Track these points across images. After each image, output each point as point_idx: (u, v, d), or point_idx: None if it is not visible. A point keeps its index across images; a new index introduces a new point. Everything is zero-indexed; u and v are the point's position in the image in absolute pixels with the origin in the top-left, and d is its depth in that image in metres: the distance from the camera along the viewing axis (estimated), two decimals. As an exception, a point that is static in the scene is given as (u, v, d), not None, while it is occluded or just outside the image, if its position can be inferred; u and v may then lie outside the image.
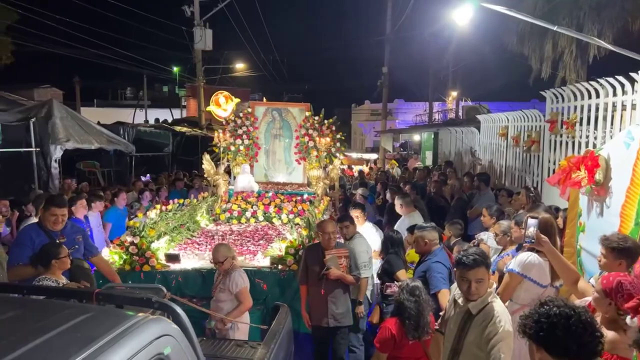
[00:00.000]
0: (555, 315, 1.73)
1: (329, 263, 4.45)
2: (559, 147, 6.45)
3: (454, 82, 26.77)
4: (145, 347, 1.58)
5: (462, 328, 2.84)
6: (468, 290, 2.79)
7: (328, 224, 4.68)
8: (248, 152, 9.26)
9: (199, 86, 19.48)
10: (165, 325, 1.76)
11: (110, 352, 1.47)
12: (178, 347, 1.74)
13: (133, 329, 1.62)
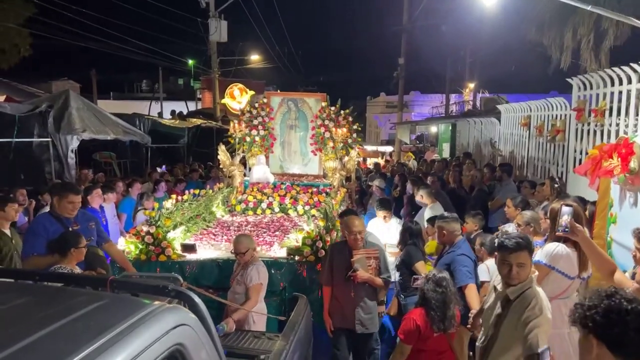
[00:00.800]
0: (628, 311, 1.55)
1: (356, 264, 4.06)
2: (586, 136, 6.21)
3: (471, 73, 26.36)
4: (161, 337, 1.49)
5: (499, 314, 2.74)
6: (509, 274, 2.72)
7: (355, 220, 4.27)
8: (263, 143, 9.17)
9: (214, 78, 19.45)
10: (183, 315, 1.66)
11: (124, 342, 1.37)
12: (196, 337, 1.65)
13: (149, 318, 1.53)
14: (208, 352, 1.69)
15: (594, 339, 1.59)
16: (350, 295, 4.14)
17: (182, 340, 1.57)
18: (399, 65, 21.30)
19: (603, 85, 5.79)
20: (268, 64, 24.65)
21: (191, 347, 1.60)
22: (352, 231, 4.16)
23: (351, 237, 4.17)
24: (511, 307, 2.70)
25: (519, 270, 2.70)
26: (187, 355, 1.58)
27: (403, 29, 20.58)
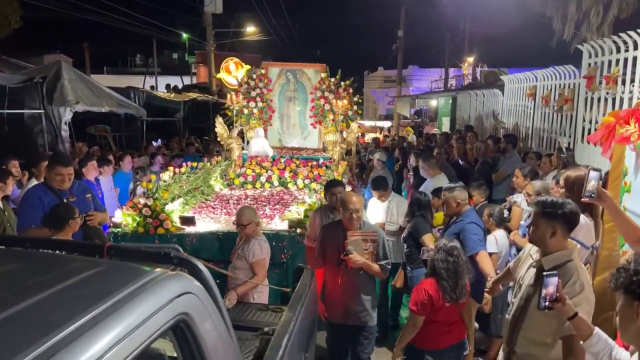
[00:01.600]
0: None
1: (350, 247, 3.53)
2: (597, 105, 6.04)
3: (471, 47, 25.93)
4: (165, 306, 1.36)
5: (533, 284, 2.58)
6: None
7: (352, 196, 3.69)
8: (262, 116, 8.97)
9: (209, 50, 19.05)
10: (188, 282, 1.53)
11: (124, 311, 1.23)
12: (202, 306, 1.52)
13: (150, 285, 1.39)
14: (215, 323, 1.56)
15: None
16: (338, 282, 3.64)
17: (187, 309, 1.44)
18: (398, 37, 20.94)
19: (616, 51, 5.59)
20: (264, 36, 24.15)
21: (197, 317, 1.47)
22: (348, 208, 3.57)
23: (346, 216, 3.60)
24: None
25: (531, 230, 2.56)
26: (193, 325, 1.45)
27: (402, 1, 20.14)
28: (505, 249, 4.33)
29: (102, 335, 1.12)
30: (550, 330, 2.48)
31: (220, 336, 1.55)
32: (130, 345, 1.16)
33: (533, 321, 2.55)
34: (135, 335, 1.19)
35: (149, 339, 1.24)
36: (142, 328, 1.23)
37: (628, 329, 1.54)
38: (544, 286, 2.16)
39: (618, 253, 3.99)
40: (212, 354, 1.48)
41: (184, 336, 1.43)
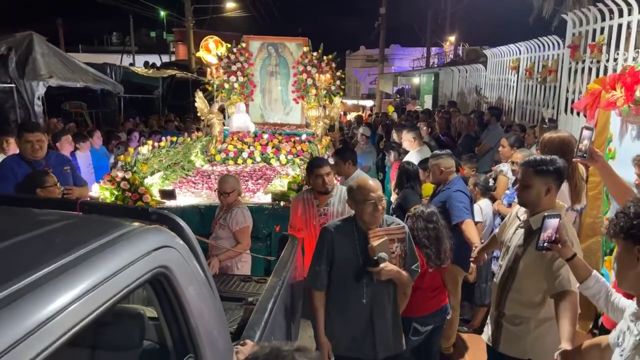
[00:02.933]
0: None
1: (378, 252, 2.62)
2: (580, 75, 6.04)
3: (452, 26, 25.85)
4: (142, 258, 1.26)
5: (520, 246, 2.55)
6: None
7: (368, 181, 2.80)
8: (243, 90, 8.77)
9: (188, 27, 18.58)
10: (168, 236, 1.43)
11: (99, 260, 1.13)
12: (183, 262, 1.43)
13: (128, 237, 1.30)
14: (198, 280, 1.47)
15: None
16: (363, 303, 2.73)
17: (167, 263, 1.35)
18: (380, 15, 20.70)
19: (601, 19, 5.56)
20: (244, 12, 23.63)
21: (178, 272, 1.38)
22: (369, 198, 2.66)
23: (367, 210, 2.67)
24: (534, 239, 2.50)
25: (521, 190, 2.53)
26: (174, 280, 1.36)
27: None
28: (489, 218, 4.33)
29: (71, 283, 1.02)
30: (539, 289, 2.46)
31: (203, 294, 1.47)
32: (102, 295, 1.07)
33: (522, 282, 2.52)
34: (108, 286, 1.10)
35: (123, 290, 1.15)
36: (115, 279, 1.14)
37: (627, 275, 1.50)
38: (543, 228, 2.14)
39: (602, 220, 4.02)
40: (194, 312, 1.40)
41: (164, 291, 1.35)
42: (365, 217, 2.70)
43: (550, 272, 2.36)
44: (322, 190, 3.71)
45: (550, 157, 2.47)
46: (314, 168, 3.74)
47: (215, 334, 1.43)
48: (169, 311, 1.35)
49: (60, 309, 0.94)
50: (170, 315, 1.35)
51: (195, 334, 1.36)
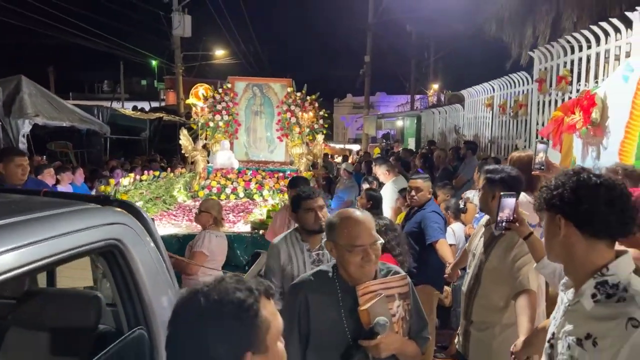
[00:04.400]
0: (598, 185, 1.46)
1: (377, 321, 1.81)
2: (548, 107, 6.33)
3: (435, 73, 26.80)
4: (95, 227, 1.32)
5: (484, 251, 2.64)
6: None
7: (354, 219, 1.95)
8: (228, 129, 8.95)
9: (178, 73, 19.04)
10: (123, 216, 1.49)
11: (45, 222, 1.19)
12: (138, 240, 1.48)
13: (82, 210, 1.36)
14: (153, 259, 1.52)
15: (562, 219, 1.50)
16: None
17: (121, 237, 1.40)
18: (365, 63, 21.45)
19: (563, 54, 5.92)
20: (232, 59, 24.35)
21: (132, 248, 1.43)
22: (355, 245, 1.88)
23: (355, 260, 1.89)
24: (496, 244, 2.60)
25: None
26: (128, 254, 1.41)
27: (368, 27, 20.74)
28: (462, 241, 4.41)
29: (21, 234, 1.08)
30: (502, 294, 2.52)
31: (158, 274, 1.51)
32: (51, 247, 1.12)
33: (486, 287, 2.59)
34: (56, 242, 1.15)
35: (73, 250, 1.20)
36: (64, 238, 1.19)
37: (552, 245, 1.55)
38: (500, 208, 2.22)
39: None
40: (148, 287, 1.43)
41: (118, 264, 1.39)
42: (351, 270, 1.89)
43: (511, 274, 2.44)
44: (314, 228, 2.78)
45: (503, 166, 2.62)
46: (302, 201, 2.83)
47: (167, 311, 1.46)
48: (122, 284, 1.39)
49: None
50: (123, 288, 1.39)
51: (148, 308, 1.39)
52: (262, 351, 1.03)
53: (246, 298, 1.02)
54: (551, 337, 1.58)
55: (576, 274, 1.51)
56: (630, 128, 3.17)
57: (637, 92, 3.13)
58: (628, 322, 1.33)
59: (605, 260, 1.46)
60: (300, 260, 2.81)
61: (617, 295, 1.40)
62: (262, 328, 1.03)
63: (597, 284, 1.44)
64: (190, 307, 1.02)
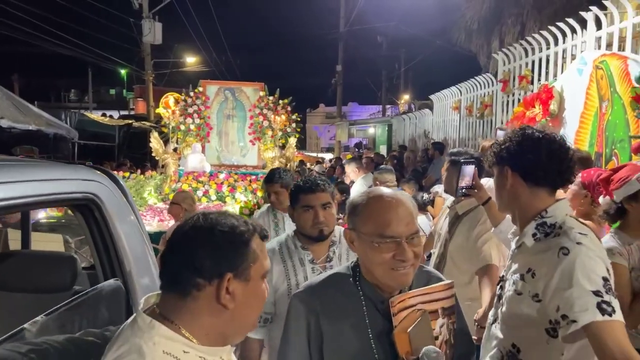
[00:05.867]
0: (540, 139, 1.63)
1: (419, 348, 1.33)
2: (512, 107, 6.60)
3: (406, 83, 27.36)
4: (70, 180, 1.35)
5: (449, 230, 2.76)
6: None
7: (385, 194, 1.45)
8: (199, 132, 8.93)
9: (148, 80, 18.85)
10: (99, 176, 1.53)
11: (25, 168, 1.23)
12: (113, 197, 1.52)
13: (58, 164, 1.39)
14: (127, 218, 1.56)
15: (509, 169, 1.65)
16: None
17: (97, 192, 1.43)
18: (337, 72, 21.74)
19: (525, 55, 6.21)
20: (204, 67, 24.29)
21: (108, 204, 1.47)
22: (390, 231, 1.38)
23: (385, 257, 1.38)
24: (461, 222, 2.72)
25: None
26: (104, 209, 1.44)
27: (339, 36, 21.07)
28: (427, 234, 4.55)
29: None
30: (466, 270, 2.64)
31: (133, 231, 1.55)
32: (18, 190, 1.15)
33: (451, 265, 2.70)
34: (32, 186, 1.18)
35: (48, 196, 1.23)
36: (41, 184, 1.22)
37: (502, 196, 1.71)
38: (461, 176, 2.33)
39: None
40: (124, 242, 1.47)
41: (94, 218, 1.43)
42: (379, 273, 1.40)
43: (474, 250, 2.56)
44: (311, 234, 2.13)
45: (464, 149, 2.76)
46: (300, 194, 2.14)
47: (142, 267, 1.50)
48: (98, 236, 1.42)
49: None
50: (99, 240, 1.42)
51: (124, 261, 1.43)
52: (243, 279, 1.07)
53: (239, 226, 1.09)
54: (500, 279, 1.73)
55: (521, 220, 1.67)
56: (584, 118, 3.37)
57: (591, 84, 3.33)
58: (560, 251, 1.48)
59: (545, 205, 1.62)
60: (300, 275, 2.11)
61: (553, 233, 1.57)
62: (248, 257, 1.08)
63: (537, 225, 1.61)
64: (188, 223, 1.09)
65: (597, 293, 1.38)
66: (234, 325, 1.09)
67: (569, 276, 1.42)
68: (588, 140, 3.36)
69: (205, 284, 1.03)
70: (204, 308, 1.04)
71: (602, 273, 1.43)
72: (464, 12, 15.61)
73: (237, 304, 1.06)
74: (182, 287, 1.04)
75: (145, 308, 1.08)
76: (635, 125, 3.35)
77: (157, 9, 18.04)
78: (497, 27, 14.84)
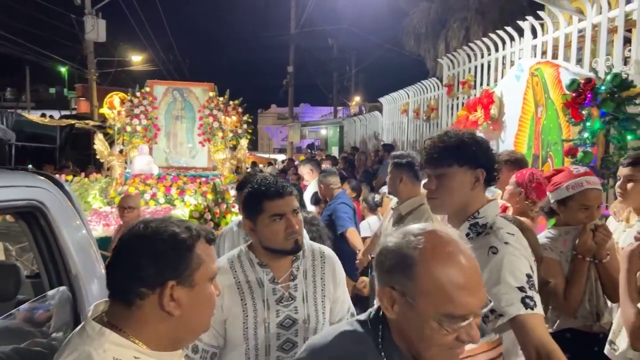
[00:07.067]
0: (487, 142, 1.80)
1: None
2: (456, 110, 6.88)
3: (357, 86, 27.77)
4: (12, 187, 1.31)
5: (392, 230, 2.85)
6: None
7: (469, 259, 1.09)
8: (146, 134, 8.69)
9: (91, 79, 18.11)
10: (44, 182, 1.49)
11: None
12: (59, 204, 1.48)
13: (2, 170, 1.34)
14: (74, 225, 1.52)
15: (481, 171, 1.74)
16: None
17: (42, 199, 1.40)
18: (288, 73, 21.76)
19: (468, 60, 6.51)
20: (151, 67, 23.60)
21: (54, 211, 1.43)
22: (460, 316, 1.04)
23: (446, 340, 1.05)
24: (404, 223, 2.81)
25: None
26: (50, 216, 1.41)
27: (290, 38, 21.09)
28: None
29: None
30: None
31: (79, 237, 1.51)
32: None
33: None
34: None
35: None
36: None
37: (454, 197, 1.79)
38: None
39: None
40: (71, 249, 1.44)
41: (39, 225, 1.39)
42: (431, 354, 1.09)
43: None
44: (286, 247, 1.81)
45: (407, 152, 2.89)
46: (265, 201, 1.79)
47: (90, 274, 1.47)
48: (43, 244, 1.39)
49: None
50: (45, 248, 1.39)
51: (71, 268, 1.40)
52: (188, 285, 1.08)
53: (181, 233, 1.09)
54: None
55: (457, 220, 1.76)
56: (522, 121, 3.58)
57: (527, 90, 3.54)
58: (489, 250, 1.60)
59: (481, 205, 1.73)
60: (258, 298, 1.78)
61: (484, 232, 1.68)
62: (192, 263, 1.08)
63: (471, 225, 1.71)
64: (131, 231, 1.10)
65: (521, 289, 1.51)
66: (183, 329, 1.10)
67: (497, 273, 1.54)
68: (526, 143, 3.58)
69: (148, 293, 1.04)
70: (150, 316, 1.05)
71: (526, 270, 1.56)
72: (412, 16, 16.09)
73: (183, 310, 1.07)
74: (126, 296, 1.05)
75: (94, 316, 1.07)
76: (567, 129, 3.61)
77: (101, 5, 17.37)
78: (443, 32, 15.40)
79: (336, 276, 1.92)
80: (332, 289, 1.89)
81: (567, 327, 2.32)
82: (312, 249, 1.95)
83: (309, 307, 1.80)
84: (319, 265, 1.91)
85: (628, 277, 1.96)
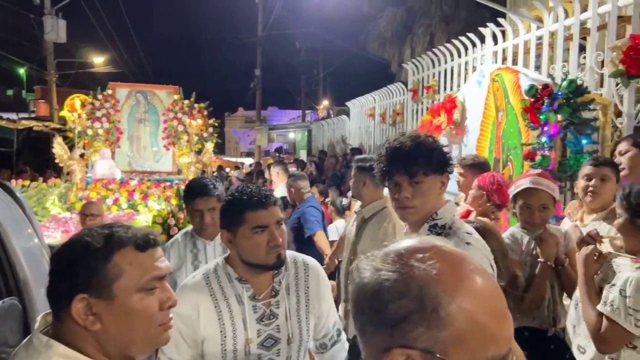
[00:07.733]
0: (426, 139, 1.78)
1: None
2: (421, 114, 7.00)
3: (324, 89, 27.90)
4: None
5: (357, 234, 2.86)
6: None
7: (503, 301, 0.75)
8: (108, 137, 8.48)
9: (51, 81, 17.52)
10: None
11: None
12: (10, 213, 1.41)
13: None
14: (25, 233, 1.46)
15: (447, 175, 1.79)
16: None
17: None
18: (256, 76, 21.64)
19: (432, 66, 6.64)
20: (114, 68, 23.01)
21: (3, 219, 1.37)
22: (502, 352, 0.71)
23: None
24: (367, 226, 2.83)
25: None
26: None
27: (258, 41, 20.99)
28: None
29: None
30: None
31: (31, 247, 1.45)
32: None
33: None
34: None
35: None
36: None
37: (427, 201, 1.81)
38: None
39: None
40: (21, 259, 1.37)
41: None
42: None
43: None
44: (268, 262, 1.67)
45: (370, 156, 2.93)
46: (247, 211, 1.64)
47: (42, 284, 1.41)
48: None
49: None
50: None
51: (20, 278, 1.34)
52: (105, 297, 1.02)
53: (94, 242, 1.03)
54: None
55: (417, 222, 1.77)
56: (484, 126, 3.66)
57: (488, 95, 3.63)
58: None
59: (438, 207, 1.75)
60: (237, 317, 1.66)
61: (444, 233, 1.68)
62: (108, 274, 1.02)
63: (430, 227, 1.72)
64: (61, 246, 1.09)
65: None
66: (118, 344, 1.04)
67: None
68: (488, 147, 3.67)
69: (66, 306, 1.01)
70: (78, 329, 1.02)
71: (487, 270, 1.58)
72: (378, 21, 16.30)
73: (105, 324, 1.01)
74: (54, 309, 1.05)
75: (41, 327, 1.03)
76: (526, 133, 3.72)
77: (61, 5, 16.84)
78: (409, 37, 15.67)
79: (321, 289, 1.79)
80: (317, 303, 1.76)
81: (525, 326, 2.38)
82: (294, 260, 1.80)
83: (292, 325, 1.68)
84: (303, 278, 1.76)
85: (585, 280, 2.01)
